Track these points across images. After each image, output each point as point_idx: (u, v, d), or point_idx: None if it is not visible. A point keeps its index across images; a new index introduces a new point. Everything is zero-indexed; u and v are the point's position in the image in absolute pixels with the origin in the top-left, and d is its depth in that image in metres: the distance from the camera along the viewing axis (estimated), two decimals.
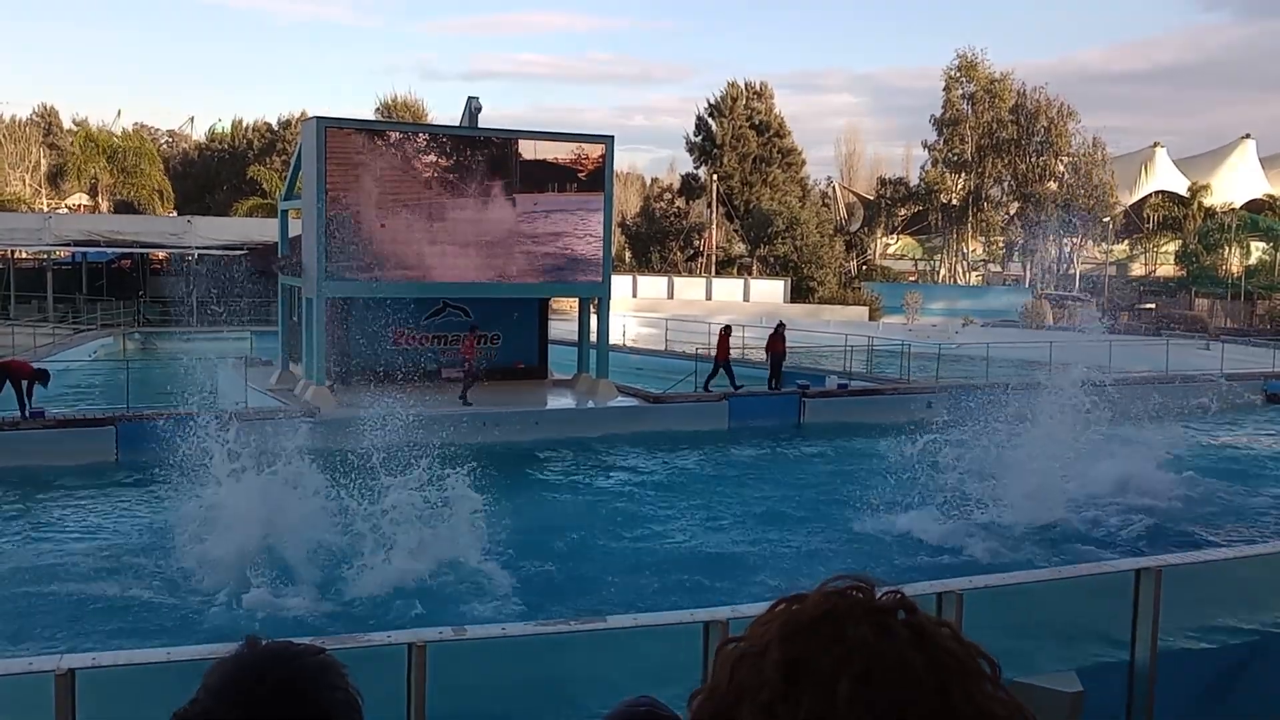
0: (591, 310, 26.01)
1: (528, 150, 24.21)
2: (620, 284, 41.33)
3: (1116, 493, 17.73)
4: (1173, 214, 65.81)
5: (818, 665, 0.96)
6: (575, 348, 26.54)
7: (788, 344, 26.92)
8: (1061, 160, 63.26)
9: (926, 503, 16.09)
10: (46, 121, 78.63)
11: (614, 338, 27.75)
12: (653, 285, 54.67)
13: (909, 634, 0.98)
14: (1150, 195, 67.02)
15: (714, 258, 61.25)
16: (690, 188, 66.60)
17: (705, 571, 13.96)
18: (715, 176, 62.11)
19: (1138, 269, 69.06)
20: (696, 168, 66.54)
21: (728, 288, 55.21)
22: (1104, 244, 66.61)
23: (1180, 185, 66.77)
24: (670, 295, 53.52)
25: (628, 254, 62.54)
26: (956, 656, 0.98)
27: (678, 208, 65.79)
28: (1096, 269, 66.69)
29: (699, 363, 27.50)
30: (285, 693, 1.20)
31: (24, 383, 19.83)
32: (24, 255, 48.30)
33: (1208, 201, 64.51)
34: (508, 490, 18.50)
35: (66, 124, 77.64)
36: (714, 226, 61.90)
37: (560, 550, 14.71)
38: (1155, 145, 68.59)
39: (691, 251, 64.06)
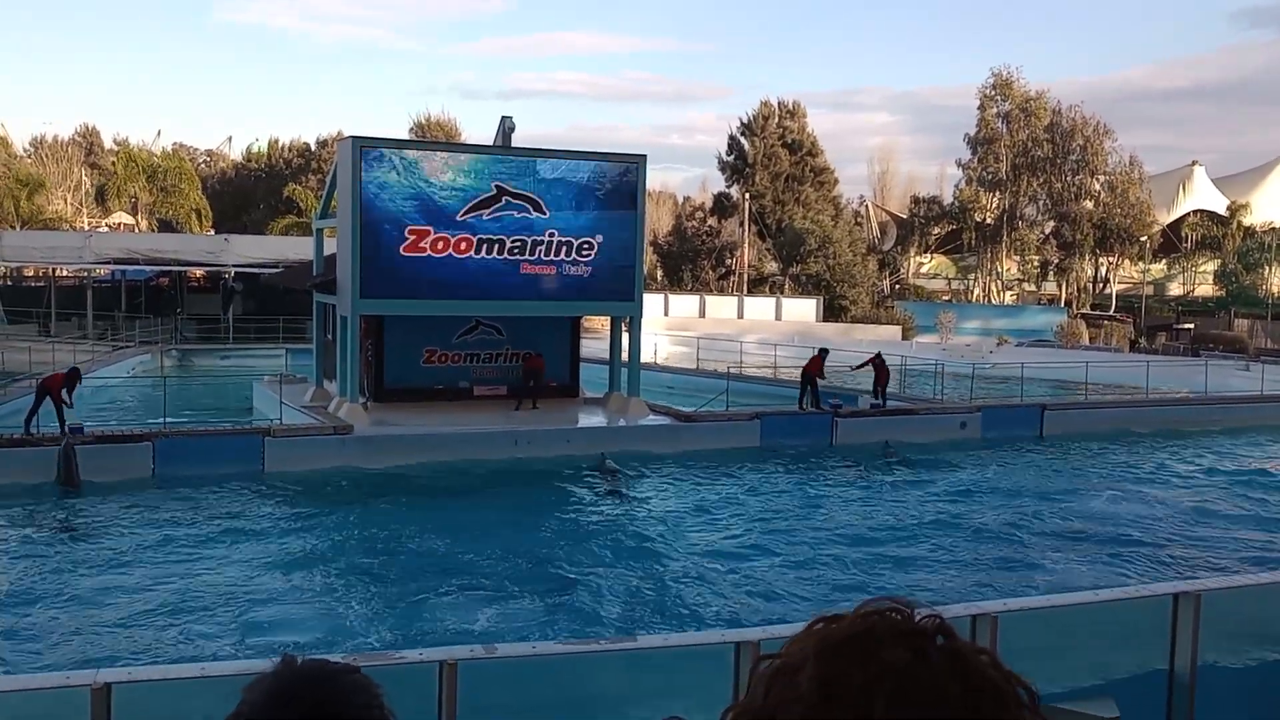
0: (623, 329, 26.06)
1: (558, 169, 24.32)
2: (652, 302, 41.35)
3: None
4: (1211, 233, 65.09)
5: (851, 683, 0.96)
6: (607, 366, 26.57)
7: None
8: (1097, 179, 62.74)
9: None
10: (88, 142, 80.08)
11: (645, 356, 27.72)
12: (685, 304, 54.69)
13: (945, 659, 0.98)
14: (1188, 214, 66.35)
15: (746, 276, 61.20)
16: (722, 206, 66.67)
17: (735, 591, 13.89)
18: (747, 195, 62.13)
19: (1175, 288, 68.28)
20: (729, 186, 66.64)
21: (760, 306, 55.11)
22: (1141, 263, 65.97)
23: (1219, 204, 66.05)
24: (702, 314, 53.50)
25: (660, 272, 62.64)
26: (994, 683, 0.97)
27: (710, 226, 65.88)
28: (1133, 288, 66.04)
29: (730, 381, 27.45)
30: (319, 714, 1.20)
31: (62, 391, 20.07)
32: (65, 273, 49.05)
33: (1247, 220, 63.76)
34: (534, 508, 18.56)
35: (108, 144, 79.05)
36: (746, 245, 61.88)
37: (587, 569, 14.68)
38: (1193, 164, 67.96)
39: (723, 270, 64.07)
